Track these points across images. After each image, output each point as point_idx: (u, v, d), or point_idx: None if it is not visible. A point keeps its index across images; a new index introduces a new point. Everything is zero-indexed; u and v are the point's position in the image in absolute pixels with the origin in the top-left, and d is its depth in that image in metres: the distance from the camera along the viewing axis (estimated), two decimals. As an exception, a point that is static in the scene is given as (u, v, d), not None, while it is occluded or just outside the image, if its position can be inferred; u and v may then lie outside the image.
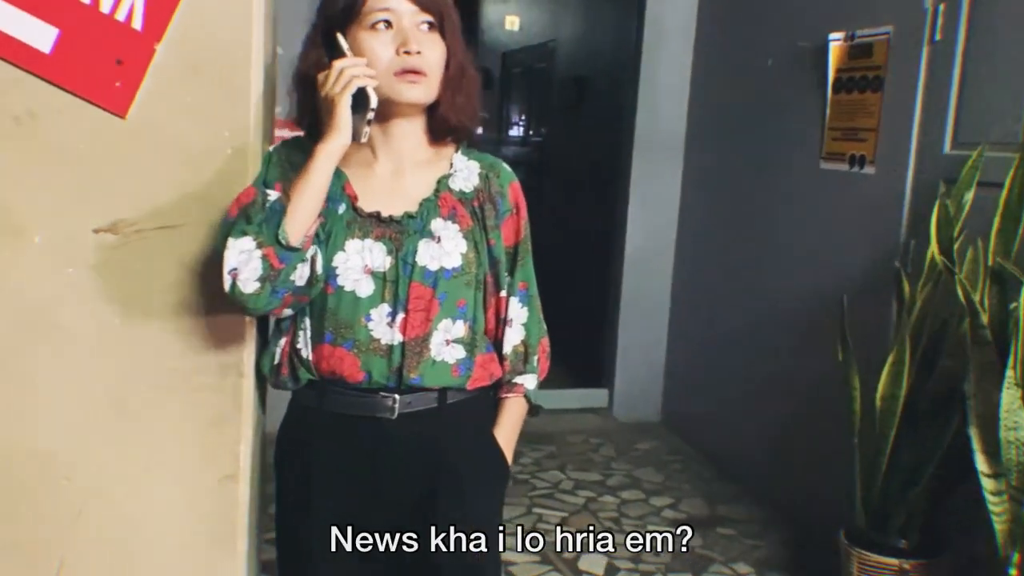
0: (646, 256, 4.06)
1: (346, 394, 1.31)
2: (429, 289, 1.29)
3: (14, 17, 1.24)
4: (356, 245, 1.28)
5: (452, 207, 1.33)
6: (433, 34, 1.28)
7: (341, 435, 1.33)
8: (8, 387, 1.31)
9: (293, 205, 1.20)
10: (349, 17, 1.26)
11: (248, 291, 1.20)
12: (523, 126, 6.07)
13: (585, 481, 3.45)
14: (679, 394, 4.06)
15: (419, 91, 1.27)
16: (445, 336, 1.32)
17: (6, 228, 1.29)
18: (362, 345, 1.29)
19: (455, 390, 1.35)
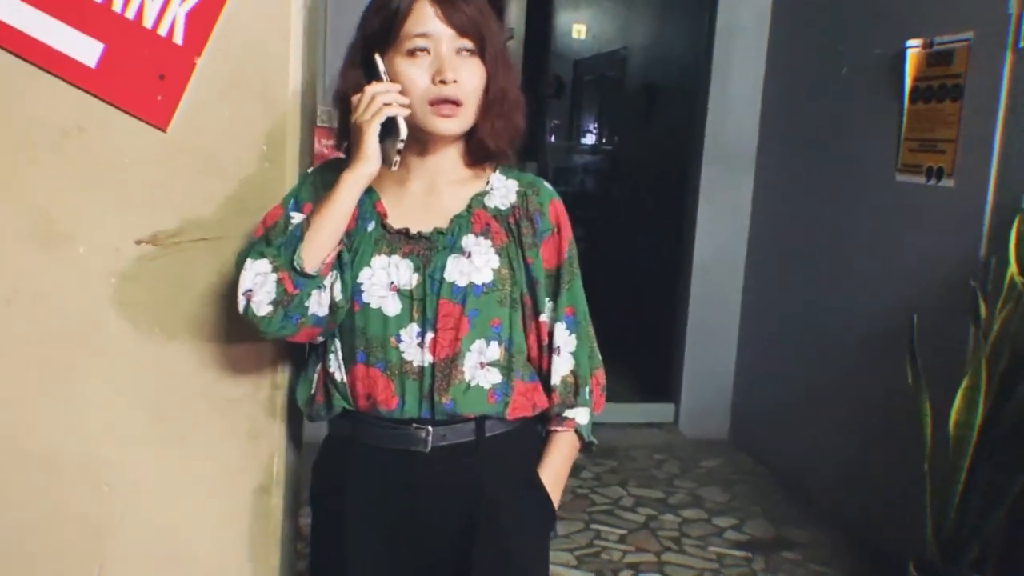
0: (715, 267, 3.96)
1: (379, 426, 1.26)
2: (458, 306, 1.23)
3: (62, 33, 1.28)
4: (382, 261, 1.24)
5: (485, 223, 1.28)
6: (473, 59, 1.23)
7: (375, 470, 1.27)
8: (52, 393, 1.35)
9: (312, 231, 1.19)
10: (387, 40, 1.22)
11: (261, 313, 1.19)
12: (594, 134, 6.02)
13: (646, 498, 3.38)
14: (748, 410, 3.94)
15: (452, 124, 1.23)
16: (479, 358, 1.25)
17: (53, 238, 1.32)
18: (394, 368, 1.24)
19: (493, 420, 1.27)
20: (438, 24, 1.20)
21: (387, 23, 1.22)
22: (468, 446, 1.26)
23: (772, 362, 3.74)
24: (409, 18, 1.21)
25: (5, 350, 1.33)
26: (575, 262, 1.35)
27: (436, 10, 1.20)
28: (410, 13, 1.21)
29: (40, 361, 1.34)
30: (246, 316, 1.20)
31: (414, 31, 1.20)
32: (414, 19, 1.21)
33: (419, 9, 1.21)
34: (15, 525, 1.36)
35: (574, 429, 1.34)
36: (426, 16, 1.20)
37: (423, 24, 1.20)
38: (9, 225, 1.31)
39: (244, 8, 1.30)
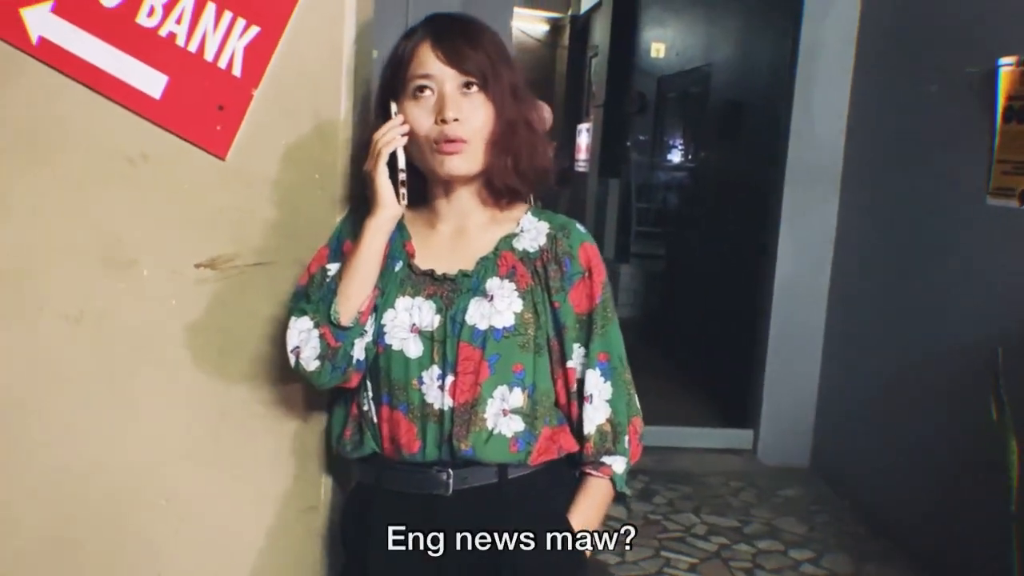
0: (798, 290, 3.85)
1: (402, 470, 1.26)
2: (478, 350, 1.22)
3: (130, 65, 1.34)
4: (406, 303, 1.25)
5: (512, 266, 1.26)
6: (477, 96, 1.22)
7: (398, 515, 1.26)
8: (116, 409, 1.41)
9: (343, 285, 1.21)
10: (397, 85, 1.24)
11: (310, 369, 1.23)
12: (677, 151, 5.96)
13: (720, 527, 3.30)
14: (830, 439, 3.80)
15: (458, 161, 1.22)
16: (502, 405, 1.23)
17: (119, 260, 1.38)
18: (416, 410, 1.24)
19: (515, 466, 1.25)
20: (439, 65, 1.22)
21: (396, 69, 1.25)
22: (490, 489, 1.25)
23: (856, 390, 3.60)
24: (413, 61, 1.23)
25: (72, 367, 1.39)
26: (609, 306, 1.30)
27: (437, 51, 1.22)
28: (413, 57, 1.23)
29: (104, 378, 1.40)
30: (297, 371, 1.24)
31: (417, 72, 1.22)
32: (417, 61, 1.23)
33: (422, 52, 1.23)
34: (79, 535, 1.42)
35: (609, 477, 1.30)
36: (428, 58, 1.22)
37: (425, 65, 1.22)
38: (79, 247, 1.38)
39: (298, 42, 1.34)
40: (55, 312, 1.39)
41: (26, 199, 1.36)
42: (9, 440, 1.40)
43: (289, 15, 1.33)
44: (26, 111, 1.35)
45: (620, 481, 1.31)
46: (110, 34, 1.34)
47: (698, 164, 5.51)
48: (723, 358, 4.51)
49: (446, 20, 1.26)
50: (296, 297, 1.28)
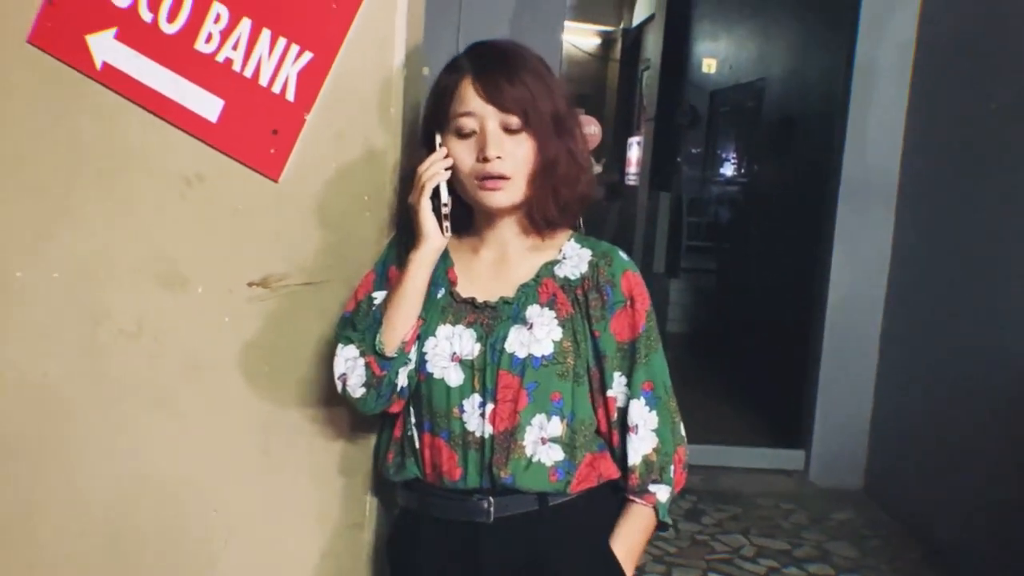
0: (851, 308, 3.78)
1: (444, 497, 1.27)
2: (516, 378, 1.22)
3: (187, 89, 1.38)
4: (447, 331, 1.26)
5: (552, 293, 1.27)
6: (519, 134, 1.23)
7: (442, 543, 1.28)
8: (169, 421, 1.45)
9: (388, 317, 1.23)
10: (441, 117, 1.25)
11: (356, 396, 1.26)
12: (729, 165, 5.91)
13: (769, 549, 3.24)
14: (885, 461, 3.71)
15: (500, 196, 1.24)
16: (540, 433, 1.23)
17: (175, 278, 1.42)
18: (457, 438, 1.25)
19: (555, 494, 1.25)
20: (480, 103, 1.22)
21: (438, 103, 1.25)
22: (531, 516, 1.25)
23: (913, 411, 3.51)
24: (455, 97, 1.23)
25: (129, 379, 1.44)
26: (653, 334, 1.29)
27: (479, 89, 1.22)
28: (456, 93, 1.23)
29: (160, 391, 1.44)
30: (344, 397, 1.28)
31: (459, 110, 1.23)
32: (459, 99, 1.23)
33: (463, 89, 1.23)
34: (133, 542, 1.46)
35: (653, 505, 1.29)
36: (469, 95, 1.23)
37: (467, 103, 1.23)
38: (138, 264, 1.42)
39: (349, 67, 1.37)
40: (114, 326, 1.43)
41: (90, 216, 1.41)
42: (66, 449, 1.45)
43: (341, 41, 1.36)
44: (91, 133, 1.40)
45: (663, 510, 1.30)
46: (170, 59, 1.38)
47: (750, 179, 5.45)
48: (774, 376, 4.44)
49: (488, 54, 1.26)
50: (343, 324, 1.30)
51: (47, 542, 1.47)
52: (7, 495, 1.46)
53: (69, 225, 1.42)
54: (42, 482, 1.46)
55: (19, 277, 1.43)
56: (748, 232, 5.28)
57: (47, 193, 1.42)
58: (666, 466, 1.29)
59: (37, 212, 1.42)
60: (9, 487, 1.46)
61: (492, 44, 1.28)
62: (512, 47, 1.26)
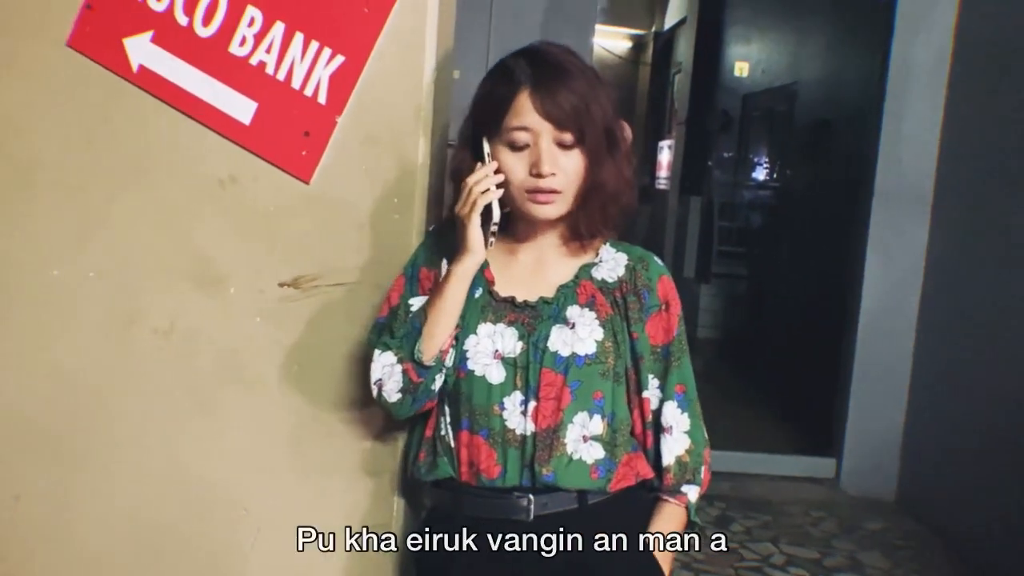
0: (885, 315, 3.73)
1: (481, 495, 1.27)
2: (560, 376, 1.24)
3: (221, 92, 1.40)
4: (488, 329, 1.27)
5: (591, 295, 1.29)
6: (572, 150, 1.23)
7: (478, 542, 1.27)
8: (200, 419, 1.46)
9: (428, 326, 1.23)
10: (492, 128, 1.25)
11: (392, 401, 1.27)
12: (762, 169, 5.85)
13: (799, 558, 3.20)
14: (919, 471, 3.65)
15: (550, 209, 1.25)
16: (582, 432, 1.25)
17: (208, 279, 1.44)
18: (497, 436, 1.25)
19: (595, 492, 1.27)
20: (536, 118, 1.21)
21: (491, 112, 1.24)
22: (571, 514, 1.26)
23: (948, 420, 3.45)
24: (510, 110, 1.22)
25: (161, 378, 1.46)
26: (684, 339, 1.33)
27: (536, 103, 1.21)
28: (511, 106, 1.22)
29: (191, 390, 1.46)
30: (379, 402, 1.28)
31: (514, 123, 1.22)
32: (514, 111, 1.22)
33: (520, 102, 1.22)
34: (164, 539, 1.48)
35: (685, 505, 1.32)
36: (526, 109, 1.21)
37: (522, 117, 1.22)
38: (171, 264, 1.44)
39: (380, 70, 1.38)
40: (147, 325, 1.45)
41: (125, 217, 1.44)
42: (98, 446, 1.47)
43: (372, 44, 1.37)
44: (128, 135, 1.42)
45: (693, 510, 1.33)
46: (204, 62, 1.40)
47: (783, 183, 5.40)
48: (805, 383, 4.39)
49: (545, 65, 1.23)
50: (378, 329, 1.31)
51: (80, 537, 1.49)
52: (41, 489, 1.48)
53: (105, 225, 1.44)
54: (76, 478, 1.48)
55: (56, 276, 1.45)
56: (780, 237, 5.23)
57: (85, 193, 1.44)
58: (698, 467, 1.33)
59: (75, 212, 1.45)
60: (44, 482, 1.48)
61: (548, 53, 1.25)
62: (568, 58, 1.25)
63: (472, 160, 1.26)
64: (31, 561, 1.50)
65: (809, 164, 4.86)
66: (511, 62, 1.25)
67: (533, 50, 1.27)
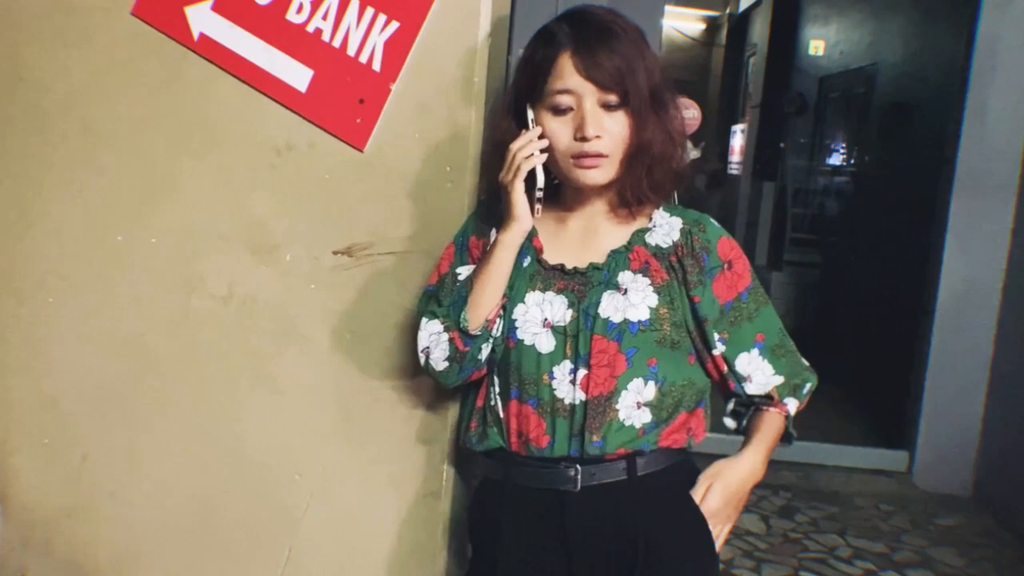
0: (963, 305, 3.58)
1: (529, 465, 1.26)
2: (613, 343, 1.22)
3: (278, 59, 1.41)
4: (536, 297, 1.25)
5: (645, 261, 1.26)
6: (617, 111, 1.20)
7: (527, 512, 1.27)
8: (258, 387, 1.49)
9: (475, 295, 1.22)
10: (535, 94, 1.22)
11: (439, 369, 1.26)
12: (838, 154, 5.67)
13: (867, 551, 3.11)
14: (997, 467, 3.51)
15: (596, 174, 1.22)
16: (636, 398, 1.23)
17: (265, 246, 1.46)
18: (546, 405, 1.24)
19: (645, 458, 1.25)
20: (579, 80, 1.18)
21: (532, 77, 1.22)
22: (620, 485, 1.24)
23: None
24: (552, 73, 1.19)
25: (219, 345, 1.48)
26: (759, 291, 1.30)
27: (578, 64, 1.18)
28: (553, 68, 1.19)
29: (248, 355, 1.48)
30: (427, 370, 1.28)
31: (556, 87, 1.19)
32: (556, 74, 1.19)
33: (561, 64, 1.19)
34: (220, 502, 1.51)
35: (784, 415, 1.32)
36: (568, 71, 1.19)
37: (565, 80, 1.19)
38: (229, 232, 1.46)
39: (434, 38, 1.37)
40: (206, 292, 1.48)
41: (187, 184, 1.46)
42: (160, 408, 1.51)
43: (427, 11, 1.36)
44: (189, 104, 1.45)
45: (791, 422, 1.33)
46: (262, 30, 1.41)
47: (860, 168, 5.22)
48: (879, 373, 4.26)
49: (586, 26, 1.21)
50: (426, 297, 1.31)
51: (141, 496, 1.53)
52: (107, 449, 1.53)
53: (167, 192, 1.47)
54: (139, 439, 1.52)
55: (120, 241, 1.49)
56: (855, 224, 5.07)
57: (148, 161, 1.47)
58: (799, 387, 1.32)
59: (138, 179, 1.48)
60: (109, 442, 1.52)
61: (590, 13, 1.23)
62: (611, 18, 1.22)
63: (516, 128, 1.24)
64: (95, 518, 1.55)
65: (887, 149, 4.70)
66: (553, 26, 1.23)
67: (575, 13, 1.24)
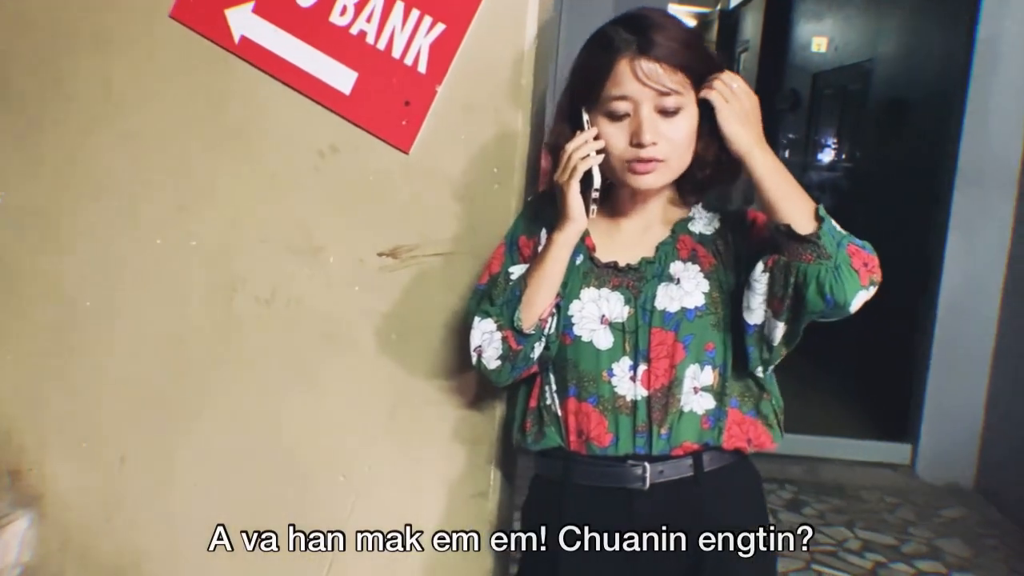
0: (966, 300, 3.62)
1: (593, 464, 1.26)
2: (671, 333, 1.23)
3: (322, 62, 1.41)
4: (592, 294, 1.26)
5: (692, 248, 1.27)
6: (674, 117, 1.19)
7: (592, 511, 1.26)
8: (299, 386, 1.49)
9: (528, 294, 1.22)
10: (591, 98, 1.21)
11: (491, 367, 1.26)
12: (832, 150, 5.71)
13: (875, 544, 3.14)
14: (1001, 459, 3.55)
15: (651, 179, 1.22)
16: (692, 383, 1.24)
17: (308, 248, 1.46)
18: (607, 403, 1.24)
19: (711, 453, 1.25)
20: (636, 86, 1.18)
21: (589, 81, 1.21)
22: (687, 481, 1.25)
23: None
24: (609, 79, 1.19)
25: (262, 346, 1.48)
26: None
27: (637, 70, 1.17)
28: (610, 74, 1.18)
29: (291, 357, 1.48)
30: (479, 369, 1.28)
31: (613, 93, 1.19)
32: (613, 80, 1.19)
33: (619, 70, 1.18)
34: (261, 504, 1.51)
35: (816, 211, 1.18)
36: (625, 77, 1.18)
37: (622, 86, 1.18)
38: (272, 234, 1.46)
39: (481, 38, 1.37)
40: (249, 293, 1.48)
41: (228, 187, 1.46)
42: (202, 412, 1.51)
43: (473, 12, 1.37)
44: (230, 106, 1.45)
45: (829, 228, 1.19)
46: (305, 32, 1.41)
47: (855, 165, 5.26)
48: (882, 366, 4.29)
49: (645, 29, 1.19)
50: (478, 296, 1.31)
51: (181, 500, 1.53)
52: (146, 452, 1.52)
53: (207, 195, 1.47)
54: (179, 442, 1.52)
55: (159, 244, 1.49)
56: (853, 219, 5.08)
57: (187, 164, 1.47)
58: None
59: (177, 182, 1.48)
60: (148, 445, 1.52)
61: (647, 16, 1.21)
62: (669, 22, 1.21)
63: (571, 131, 1.24)
64: (134, 521, 1.54)
65: (885, 144, 4.73)
66: (609, 29, 1.22)
67: (632, 16, 1.23)
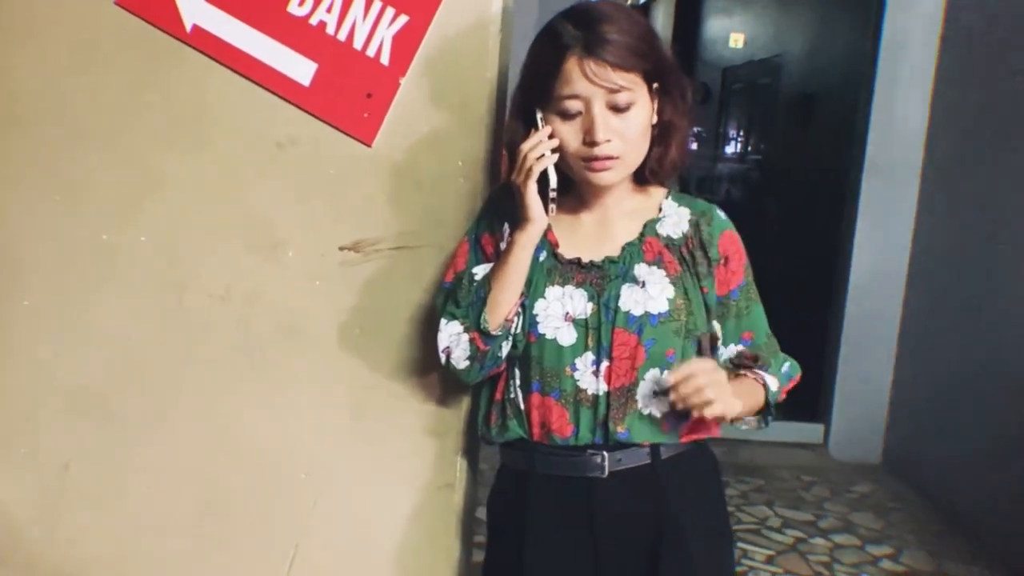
0: (873, 283, 3.81)
1: (555, 454, 1.28)
2: (634, 336, 1.25)
3: (279, 52, 1.38)
4: (556, 292, 1.26)
5: (658, 252, 1.28)
6: (627, 113, 1.19)
7: (554, 499, 1.29)
8: (262, 384, 1.45)
9: (493, 295, 1.23)
10: (542, 98, 1.21)
11: (460, 368, 1.27)
12: (742, 143, 5.90)
13: (794, 520, 3.29)
14: (905, 435, 3.76)
15: (608, 175, 1.23)
16: (653, 387, 1.26)
17: (267, 242, 1.43)
18: (568, 396, 1.27)
19: (667, 445, 1.29)
20: (586, 84, 1.17)
21: (540, 80, 1.20)
22: (645, 469, 1.28)
23: (933, 385, 3.56)
24: (559, 78, 1.18)
25: (218, 344, 1.44)
26: (752, 289, 1.34)
27: (586, 69, 1.16)
28: (559, 73, 1.18)
29: (249, 355, 1.45)
30: (448, 369, 1.29)
31: (564, 92, 1.18)
32: (563, 79, 1.18)
33: (568, 69, 1.17)
34: (225, 504, 1.48)
35: (763, 383, 1.30)
36: (574, 76, 1.17)
37: (572, 85, 1.18)
38: (227, 228, 1.42)
39: (445, 31, 1.37)
40: (201, 289, 1.43)
41: (179, 180, 1.41)
42: (151, 412, 1.46)
43: (437, 3, 1.36)
44: (181, 97, 1.40)
45: (773, 396, 1.31)
46: (261, 22, 1.38)
47: (765, 158, 5.45)
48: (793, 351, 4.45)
49: (592, 24, 1.18)
50: (443, 295, 1.31)
51: (132, 504, 1.48)
52: (92, 457, 1.46)
53: (157, 189, 1.42)
54: (127, 445, 1.46)
55: (105, 240, 1.43)
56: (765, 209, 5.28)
57: (135, 157, 1.41)
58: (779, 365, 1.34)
59: (125, 176, 1.42)
60: (99, 448, 1.46)
61: (596, 10, 1.21)
62: (616, 13, 1.20)
63: (525, 129, 1.24)
64: (82, 529, 1.48)
65: (794, 138, 4.91)
66: (558, 24, 1.20)
67: (580, 10, 1.22)
